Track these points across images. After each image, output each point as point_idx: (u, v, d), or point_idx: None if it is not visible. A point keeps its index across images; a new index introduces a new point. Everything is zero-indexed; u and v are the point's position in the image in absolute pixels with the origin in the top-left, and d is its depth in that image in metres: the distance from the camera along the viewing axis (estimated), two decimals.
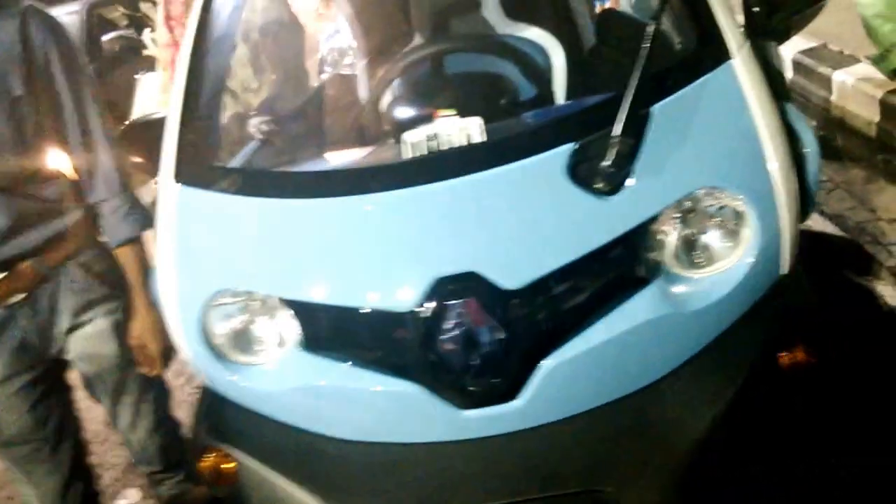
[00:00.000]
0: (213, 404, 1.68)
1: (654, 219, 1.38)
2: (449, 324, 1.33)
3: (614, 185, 1.33)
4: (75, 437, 2.05)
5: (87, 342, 1.94)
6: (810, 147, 1.58)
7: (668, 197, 1.38)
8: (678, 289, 1.41)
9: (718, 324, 1.43)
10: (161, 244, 1.65)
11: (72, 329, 1.90)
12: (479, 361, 1.35)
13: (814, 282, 1.62)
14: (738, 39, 1.55)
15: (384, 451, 1.47)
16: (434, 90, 2.00)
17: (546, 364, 1.34)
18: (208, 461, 1.61)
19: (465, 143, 1.49)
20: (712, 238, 1.45)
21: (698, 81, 1.46)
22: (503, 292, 1.31)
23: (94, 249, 1.92)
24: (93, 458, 2.23)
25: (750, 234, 1.41)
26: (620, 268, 1.39)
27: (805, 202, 1.55)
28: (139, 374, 2.02)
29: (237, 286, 1.53)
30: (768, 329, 1.45)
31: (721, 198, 1.42)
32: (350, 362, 1.44)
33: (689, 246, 1.44)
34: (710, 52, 1.52)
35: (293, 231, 1.50)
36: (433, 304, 1.33)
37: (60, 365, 1.98)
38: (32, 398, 1.89)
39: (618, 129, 1.33)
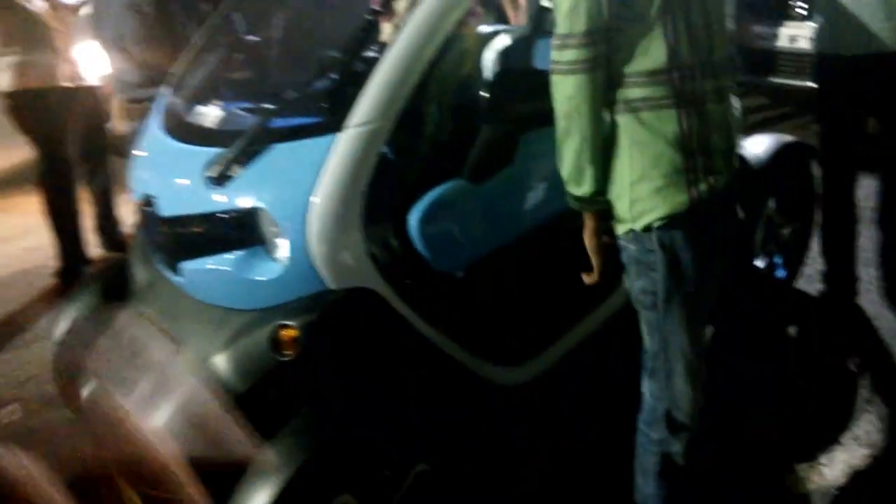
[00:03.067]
0: None
1: (246, 211, 1.94)
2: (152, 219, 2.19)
3: (220, 182, 1.95)
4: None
5: None
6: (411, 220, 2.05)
7: (241, 203, 1.95)
8: (269, 257, 1.96)
9: (265, 298, 1.97)
10: None
11: None
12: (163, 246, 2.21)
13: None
14: (369, 115, 1.85)
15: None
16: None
17: (184, 266, 2.10)
18: None
19: (209, 124, 2.22)
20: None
21: (311, 140, 1.92)
22: (160, 216, 2.12)
23: None
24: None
25: (284, 245, 1.92)
26: (233, 229, 1.97)
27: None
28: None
29: None
30: (277, 326, 1.89)
31: (267, 216, 1.93)
32: None
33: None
34: (333, 118, 1.90)
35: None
36: (147, 207, 2.18)
37: None
38: None
39: (229, 154, 1.95)
